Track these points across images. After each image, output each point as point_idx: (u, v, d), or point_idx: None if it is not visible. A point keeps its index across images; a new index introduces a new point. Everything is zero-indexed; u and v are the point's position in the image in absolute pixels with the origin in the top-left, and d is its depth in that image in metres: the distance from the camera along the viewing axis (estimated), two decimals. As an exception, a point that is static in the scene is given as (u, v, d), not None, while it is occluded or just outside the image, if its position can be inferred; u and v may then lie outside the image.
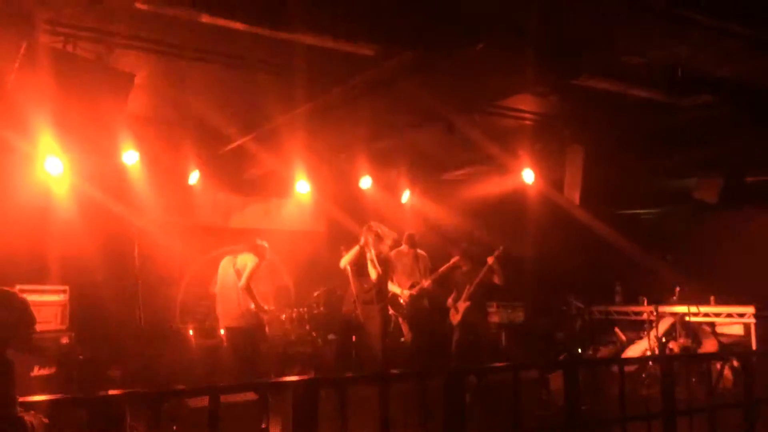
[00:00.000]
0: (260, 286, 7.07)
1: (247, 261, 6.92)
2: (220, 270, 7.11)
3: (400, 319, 7.76)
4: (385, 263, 7.20)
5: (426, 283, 7.83)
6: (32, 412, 2.95)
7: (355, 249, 7.09)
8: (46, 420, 2.97)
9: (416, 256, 7.93)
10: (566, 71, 5.57)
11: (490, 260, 7.80)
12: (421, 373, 7.02)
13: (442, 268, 8.03)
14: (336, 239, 8.64)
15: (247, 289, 6.80)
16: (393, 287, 7.70)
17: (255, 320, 6.90)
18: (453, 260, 8.04)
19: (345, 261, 7.15)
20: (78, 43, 5.03)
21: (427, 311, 7.92)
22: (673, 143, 7.75)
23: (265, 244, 7.10)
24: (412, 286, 7.81)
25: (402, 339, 8.10)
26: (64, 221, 7.25)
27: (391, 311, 7.66)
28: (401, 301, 7.77)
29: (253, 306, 6.82)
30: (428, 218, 9.89)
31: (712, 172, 8.69)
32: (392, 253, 7.63)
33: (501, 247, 7.82)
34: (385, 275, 7.30)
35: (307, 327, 8.58)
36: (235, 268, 6.95)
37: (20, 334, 3.18)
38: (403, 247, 7.94)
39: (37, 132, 5.81)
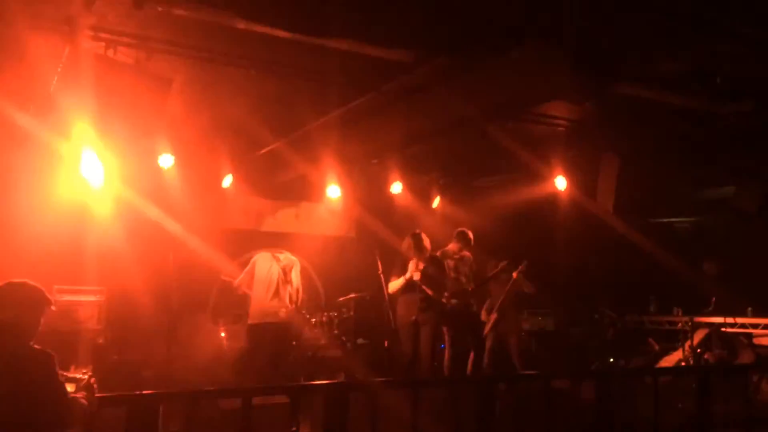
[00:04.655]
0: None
1: (292, 259, 7.11)
2: (258, 266, 7.14)
3: (444, 327, 7.48)
4: (428, 277, 7.11)
5: (471, 287, 7.60)
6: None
7: (402, 280, 7.06)
8: (93, 380, 3.03)
9: (462, 258, 7.68)
10: (602, 80, 5.50)
11: (515, 275, 7.68)
12: (453, 380, 7.05)
13: (492, 272, 7.80)
14: (366, 244, 8.65)
15: (299, 288, 7.12)
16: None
17: (290, 318, 7.06)
18: (502, 264, 7.77)
19: (393, 288, 7.13)
20: (118, 49, 5.14)
21: (469, 318, 7.68)
22: (711, 151, 7.60)
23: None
24: (454, 294, 7.46)
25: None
26: (102, 223, 7.38)
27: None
28: (447, 308, 7.38)
29: (290, 305, 6.99)
30: (459, 224, 9.82)
31: (752, 181, 8.51)
32: (438, 253, 7.47)
33: (525, 262, 7.65)
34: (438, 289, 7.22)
35: (336, 331, 8.60)
36: (280, 265, 7.07)
37: (38, 321, 3.09)
38: (452, 245, 7.68)
39: (78, 135, 5.93)
